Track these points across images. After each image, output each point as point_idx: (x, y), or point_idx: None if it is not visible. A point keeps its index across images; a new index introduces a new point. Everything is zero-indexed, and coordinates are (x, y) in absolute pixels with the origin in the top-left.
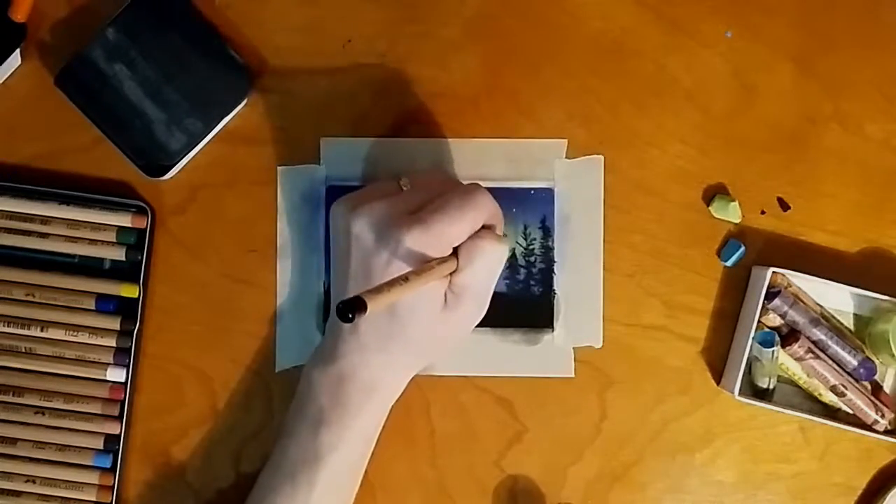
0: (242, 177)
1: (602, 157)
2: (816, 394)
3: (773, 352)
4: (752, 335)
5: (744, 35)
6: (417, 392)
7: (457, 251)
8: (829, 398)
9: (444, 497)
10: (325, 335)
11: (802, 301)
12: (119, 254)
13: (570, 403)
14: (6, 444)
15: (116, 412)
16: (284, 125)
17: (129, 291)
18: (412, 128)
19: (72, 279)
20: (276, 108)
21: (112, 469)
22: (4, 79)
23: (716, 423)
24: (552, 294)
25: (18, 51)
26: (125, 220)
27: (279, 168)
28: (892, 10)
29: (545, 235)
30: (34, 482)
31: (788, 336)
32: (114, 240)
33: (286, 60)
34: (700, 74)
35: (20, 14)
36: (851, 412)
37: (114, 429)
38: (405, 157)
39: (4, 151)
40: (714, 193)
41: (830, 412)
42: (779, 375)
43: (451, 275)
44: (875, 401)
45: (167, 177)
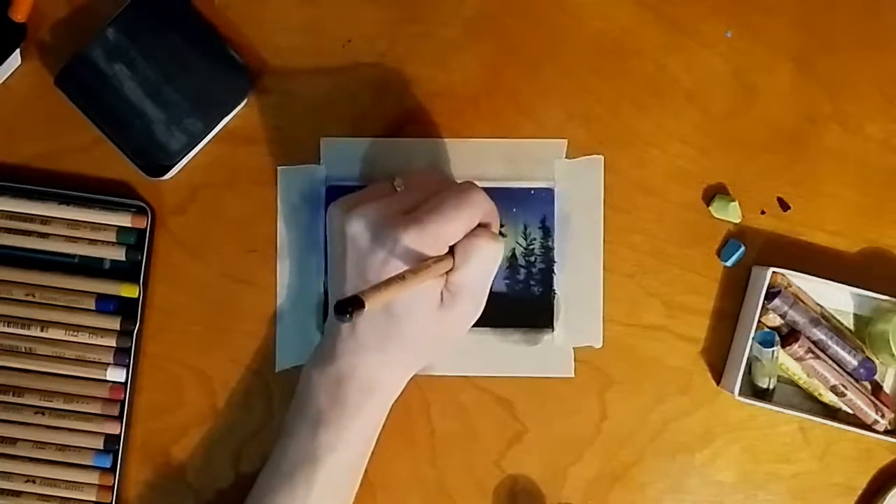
0: (242, 177)
1: (602, 157)
2: (816, 394)
3: (773, 352)
4: (752, 335)
5: (744, 35)
6: (417, 392)
7: (453, 250)
8: (829, 398)
9: (444, 497)
10: (324, 335)
11: (802, 301)
12: (119, 254)
13: (570, 403)
14: (6, 444)
15: (116, 412)
16: (284, 125)
17: (129, 291)
18: (412, 128)
19: (72, 279)
20: (276, 109)
21: (112, 469)
22: (4, 79)
23: (716, 423)
24: (552, 294)
25: (18, 51)
26: (125, 220)
27: (279, 168)
28: (892, 10)
29: (545, 235)
30: (34, 482)
31: (788, 336)
32: (114, 240)
33: (286, 60)
34: (700, 74)
35: (20, 14)
36: (851, 412)
37: (114, 429)
38: (405, 157)
39: (4, 151)
40: (714, 193)
41: (830, 412)
42: (779, 375)
43: (448, 273)
44: (875, 401)
45: (167, 177)
